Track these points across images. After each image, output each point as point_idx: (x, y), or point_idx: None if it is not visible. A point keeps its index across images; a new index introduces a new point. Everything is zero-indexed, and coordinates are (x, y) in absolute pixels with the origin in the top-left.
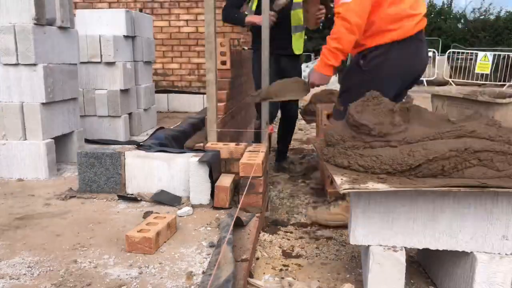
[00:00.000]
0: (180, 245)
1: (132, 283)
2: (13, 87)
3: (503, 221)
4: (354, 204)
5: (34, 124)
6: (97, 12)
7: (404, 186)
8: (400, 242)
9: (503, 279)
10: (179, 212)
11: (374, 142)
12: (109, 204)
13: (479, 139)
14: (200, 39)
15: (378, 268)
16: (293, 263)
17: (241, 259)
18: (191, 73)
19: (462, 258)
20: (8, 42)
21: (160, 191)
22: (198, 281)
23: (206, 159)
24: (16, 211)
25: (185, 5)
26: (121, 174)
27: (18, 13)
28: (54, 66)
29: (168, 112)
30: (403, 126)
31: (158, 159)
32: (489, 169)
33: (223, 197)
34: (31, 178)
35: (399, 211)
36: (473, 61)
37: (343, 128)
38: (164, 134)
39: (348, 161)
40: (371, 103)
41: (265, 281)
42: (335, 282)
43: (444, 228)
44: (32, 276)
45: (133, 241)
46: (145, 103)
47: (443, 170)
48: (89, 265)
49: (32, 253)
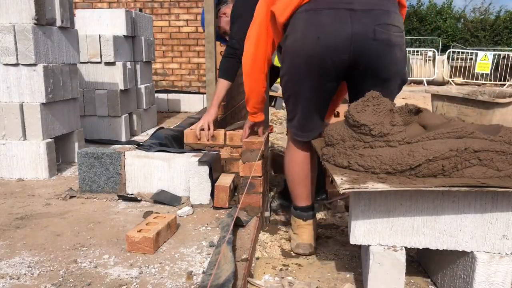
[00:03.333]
0: (180, 245)
1: (132, 283)
2: (13, 87)
3: (503, 221)
4: (354, 204)
5: (34, 124)
6: (97, 12)
7: (404, 186)
8: (400, 242)
9: (503, 278)
10: (179, 212)
11: (374, 142)
12: (109, 204)
13: (479, 139)
14: (200, 39)
15: (378, 268)
16: (293, 262)
17: (241, 259)
18: (191, 73)
19: (462, 257)
20: (8, 42)
21: (160, 191)
22: (198, 281)
23: (206, 159)
24: (16, 211)
25: (185, 5)
26: (121, 174)
27: (18, 13)
28: (54, 66)
29: (168, 112)
30: (403, 126)
31: (158, 159)
32: (489, 169)
33: (223, 197)
34: (31, 178)
35: (399, 210)
36: (473, 61)
37: (343, 128)
38: (164, 134)
39: (348, 161)
40: (371, 103)
41: (265, 281)
42: (335, 282)
43: (444, 228)
44: (32, 276)
45: (133, 241)
46: (145, 103)
47: (443, 170)
48: (89, 265)
49: (32, 253)
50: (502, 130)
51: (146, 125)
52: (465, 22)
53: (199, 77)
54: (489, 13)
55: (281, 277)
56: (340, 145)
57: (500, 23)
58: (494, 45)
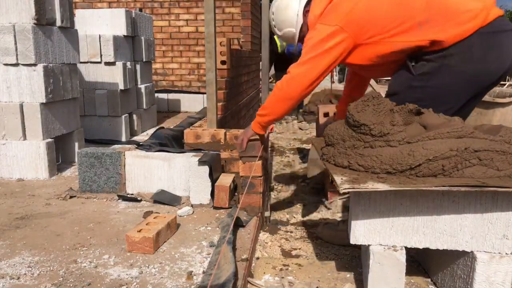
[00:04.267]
0: (180, 244)
1: (132, 282)
2: (13, 87)
3: (503, 221)
4: (354, 203)
5: (34, 124)
6: (97, 12)
7: (404, 186)
8: (400, 242)
9: (503, 278)
10: (179, 212)
11: (374, 141)
12: (109, 204)
13: (479, 139)
14: (200, 38)
15: (378, 268)
16: (293, 262)
17: (241, 258)
18: (191, 73)
19: (462, 257)
20: (8, 42)
21: (160, 191)
22: (198, 280)
23: (206, 159)
24: (16, 211)
25: (185, 5)
26: (121, 174)
27: (18, 13)
28: (54, 66)
29: (168, 112)
30: (403, 126)
31: (158, 159)
32: (489, 169)
33: (223, 197)
34: (31, 178)
35: (399, 210)
36: None
37: (343, 128)
38: (164, 134)
39: (348, 161)
40: (371, 103)
41: (265, 280)
42: (335, 282)
43: (444, 228)
44: (32, 276)
45: (133, 241)
46: (145, 103)
47: (443, 169)
48: (89, 265)
49: (32, 253)
50: (502, 130)
51: (146, 125)
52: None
53: (199, 77)
54: None
55: (281, 277)
56: (340, 145)
57: None
58: None
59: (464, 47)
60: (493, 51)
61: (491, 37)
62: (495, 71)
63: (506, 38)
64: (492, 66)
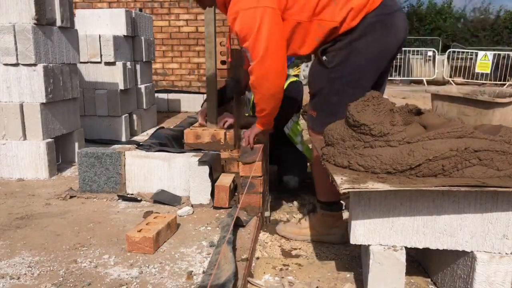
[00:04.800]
0: (180, 244)
1: (133, 282)
2: (13, 87)
3: (503, 221)
4: (354, 203)
5: (34, 124)
6: (97, 12)
7: (404, 186)
8: (400, 242)
9: (503, 278)
10: (179, 212)
11: (374, 141)
12: (109, 204)
13: (479, 139)
14: (200, 38)
15: (378, 268)
16: (293, 262)
17: (241, 258)
18: (191, 73)
19: (462, 257)
20: (8, 42)
21: (160, 191)
22: (198, 280)
23: (206, 159)
24: (16, 211)
25: (185, 5)
26: (121, 174)
27: (18, 13)
28: (54, 66)
29: (168, 112)
30: (403, 126)
31: (158, 159)
32: (489, 169)
33: (223, 197)
34: (31, 178)
35: (399, 210)
36: (473, 61)
37: (343, 128)
38: (164, 134)
39: (348, 161)
40: (371, 102)
41: (265, 281)
42: (335, 282)
43: (444, 228)
44: (32, 276)
45: (133, 241)
46: (145, 102)
47: (443, 169)
48: (89, 265)
49: (32, 253)
50: (502, 130)
51: (146, 125)
52: (465, 23)
53: (199, 77)
54: (489, 13)
55: (281, 277)
56: (340, 145)
57: (500, 23)
58: (494, 45)
59: (366, 28)
60: (391, 29)
61: (388, 18)
62: (395, 45)
63: (397, 18)
64: (392, 41)
